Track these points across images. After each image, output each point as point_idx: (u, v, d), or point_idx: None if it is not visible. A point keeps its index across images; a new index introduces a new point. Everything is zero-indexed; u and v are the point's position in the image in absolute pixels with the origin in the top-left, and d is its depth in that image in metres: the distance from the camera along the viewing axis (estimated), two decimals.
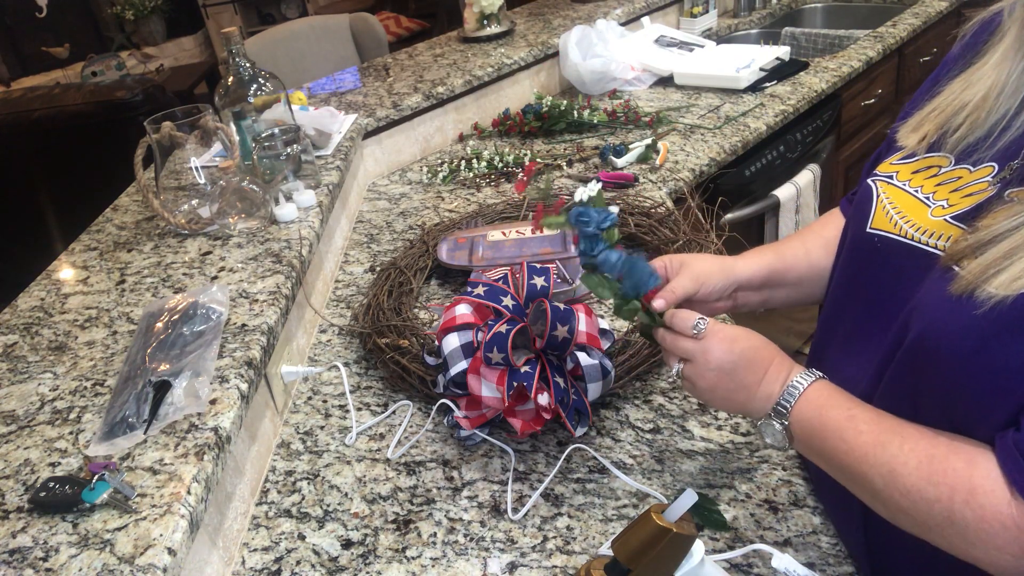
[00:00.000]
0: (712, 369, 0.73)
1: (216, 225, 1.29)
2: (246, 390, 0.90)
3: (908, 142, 0.74)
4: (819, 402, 0.68)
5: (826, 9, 2.79)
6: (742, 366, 0.72)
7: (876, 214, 0.72)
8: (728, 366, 0.72)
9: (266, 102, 1.43)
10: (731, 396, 0.73)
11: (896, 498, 0.60)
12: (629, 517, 0.85)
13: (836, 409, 0.66)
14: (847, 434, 0.64)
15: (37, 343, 1.04)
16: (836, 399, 0.67)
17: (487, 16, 2.24)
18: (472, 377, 0.91)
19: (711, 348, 0.73)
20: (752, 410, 0.73)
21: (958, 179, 0.67)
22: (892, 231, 0.70)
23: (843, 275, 0.78)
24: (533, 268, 0.98)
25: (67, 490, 0.75)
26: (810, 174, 2.00)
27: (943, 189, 0.68)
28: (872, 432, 0.63)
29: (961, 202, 0.65)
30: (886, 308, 0.70)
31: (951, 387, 0.59)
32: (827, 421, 0.66)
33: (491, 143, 1.93)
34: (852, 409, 0.65)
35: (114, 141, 2.81)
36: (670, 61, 2.15)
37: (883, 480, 0.60)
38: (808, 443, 0.68)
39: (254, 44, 3.02)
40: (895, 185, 0.73)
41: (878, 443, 0.62)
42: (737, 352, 0.72)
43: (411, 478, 0.94)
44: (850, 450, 0.63)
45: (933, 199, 0.68)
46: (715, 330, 0.74)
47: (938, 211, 0.67)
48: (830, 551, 0.78)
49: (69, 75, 5.12)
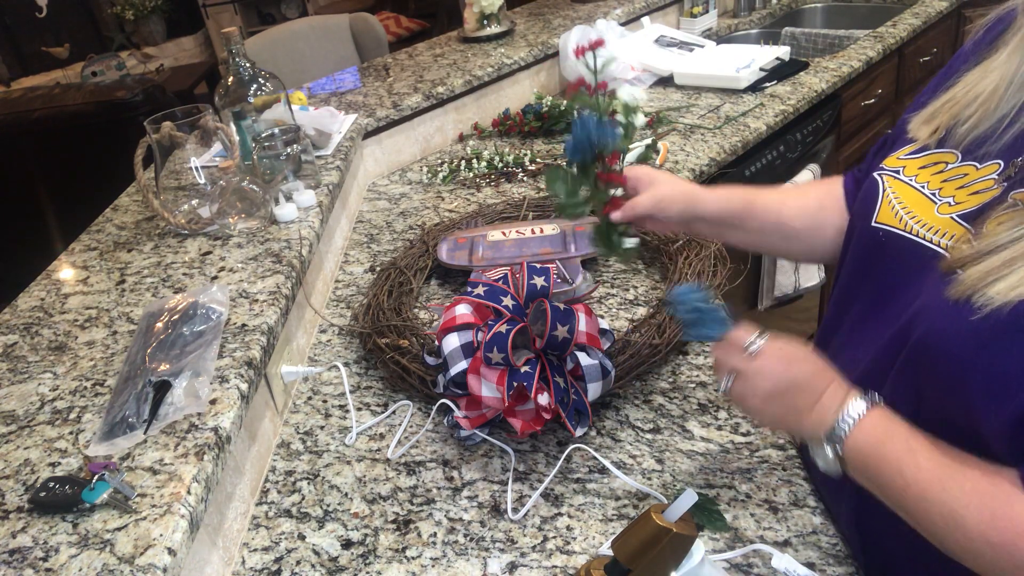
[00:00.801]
0: (764, 390, 0.71)
1: (216, 225, 1.29)
2: (246, 390, 0.90)
3: (920, 134, 0.74)
4: (876, 433, 0.65)
5: (826, 9, 2.79)
6: (795, 389, 0.69)
7: (882, 209, 0.72)
8: (781, 388, 0.70)
9: (266, 102, 1.43)
10: (782, 418, 0.71)
11: (960, 541, 0.58)
12: (629, 517, 0.85)
13: (894, 441, 0.64)
14: (906, 469, 0.62)
15: (37, 343, 1.04)
16: (894, 430, 0.64)
17: (487, 16, 2.24)
18: (472, 377, 0.91)
19: (764, 369, 0.71)
20: (804, 433, 0.70)
21: (964, 176, 0.67)
22: (897, 227, 0.70)
23: (851, 266, 0.78)
24: (533, 268, 0.98)
25: (67, 490, 0.75)
26: (810, 174, 2.00)
27: (949, 186, 0.68)
28: (932, 469, 0.60)
29: (968, 200, 0.65)
30: (889, 302, 0.70)
31: (952, 388, 0.59)
32: (885, 453, 0.64)
33: (491, 143, 1.93)
34: (911, 441, 0.63)
35: (114, 141, 2.82)
36: (670, 61, 2.15)
37: (944, 522, 0.59)
38: (863, 472, 0.66)
39: (254, 44, 3.02)
40: (902, 180, 0.73)
41: (938, 482, 0.60)
42: (792, 375, 0.70)
43: (411, 478, 0.94)
44: (908, 486, 0.61)
45: (939, 195, 0.68)
46: (770, 350, 0.72)
47: (944, 208, 0.67)
48: (830, 551, 0.78)
49: (69, 75, 5.12)
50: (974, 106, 0.68)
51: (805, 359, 0.71)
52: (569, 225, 1.34)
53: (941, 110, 0.72)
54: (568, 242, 1.30)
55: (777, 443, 0.92)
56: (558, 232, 1.33)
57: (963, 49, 0.76)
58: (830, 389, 0.69)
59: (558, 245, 1.30)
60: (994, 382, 0.56)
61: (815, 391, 0.69)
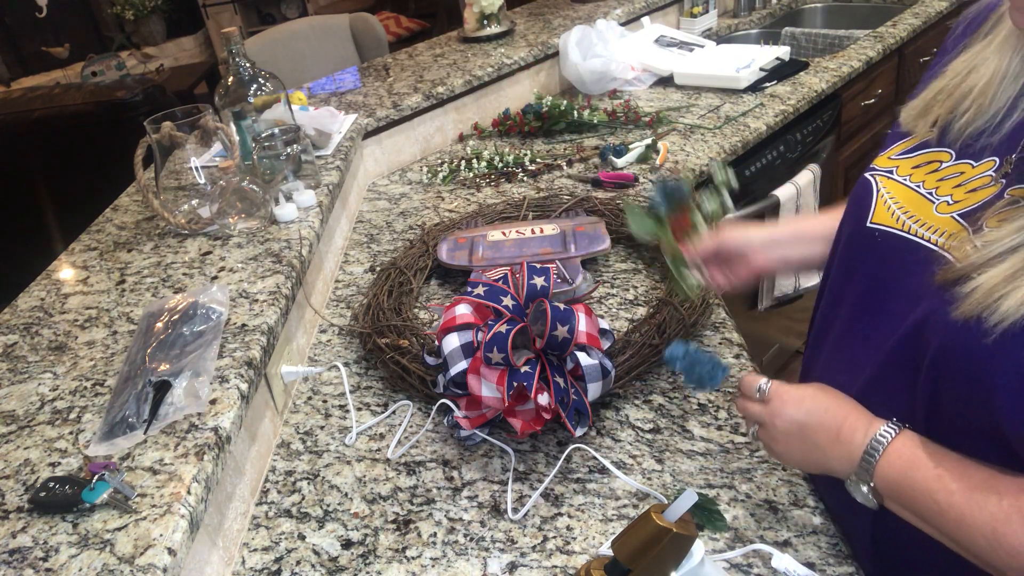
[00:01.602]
0: (781, 432, 0.71)
1: (216, 225, 1.29)
2: (246, 390, 0.90)
3: (917, 127, 0.73)
4: (903, 462, 0.64)
5: (826, 9, 2.79)
6: (811, 427, 0.69)
7: (877, 209, 0.72)
8: (795, 428, 0.70)
9: (266, 102, 1.43)
10: (807, 457, 0.71)
11: (1004, 558, 0.58)
12: (629, 517, 0.85)
13: (922, 468, 0.63)
14: (939, 495, 0.61)
15: (37, 343, 1.04)
16: (921, 456, 0.63)
17: (487, 16, 2.24)
18: (472, 377, 0.91)
19: (777, 411, 0.71)
20: (835, 471, 0.69)
21: (960, 174, 0.67)
22: (895, 226, 0.69)
23: (841, 267, 0.78)
24: (533, 268, 0.98)
25: (67, 490, 0.75)
26: (810, 174, 2.00)
27: (946, 184, 0.68)
28: (964, 491, 0.60)
29: (966, 198, 0.65)
30: (887, 302, 0.69)
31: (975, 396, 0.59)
32: (915, 483, 0.63)
33: (491, 143, 1.93)
34: (939, 466, 0.62)
35: (114, 141, 2.81)
36: (670, 61, 2.15)
37: (987, 541, 0.58)
38: (898, 503, 0.65)
39: (254, 44, 3.02)
40: (896, 180, 0.72)
41: (973, 502, 0.59)
42: (804, 412, 0.70)
43: (411, 478, 0.94)
44: (944, 512, 0.61)
45: (937, 194, 0.68)
46: (779, 391, 0.72)
47: (943, 207, 0.66)
48: (830, 551, 0.78)
49: (69, 75, 5.12)
50: (968, 100, 0.67)
51: (816, 394, 0.71)
52: (569, 225, 1.34)
53: (935, 101, 0.71)
54: (568, 242, 1.30)
55: None
56: (558, 232, 1.33)
57: (948, 39, 0.76)
58: (848, 422, 0.68)
59: (558, 245, 1.30)
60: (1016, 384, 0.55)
61: (832, 425, 0.68)
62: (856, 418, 0.68)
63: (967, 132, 0.67)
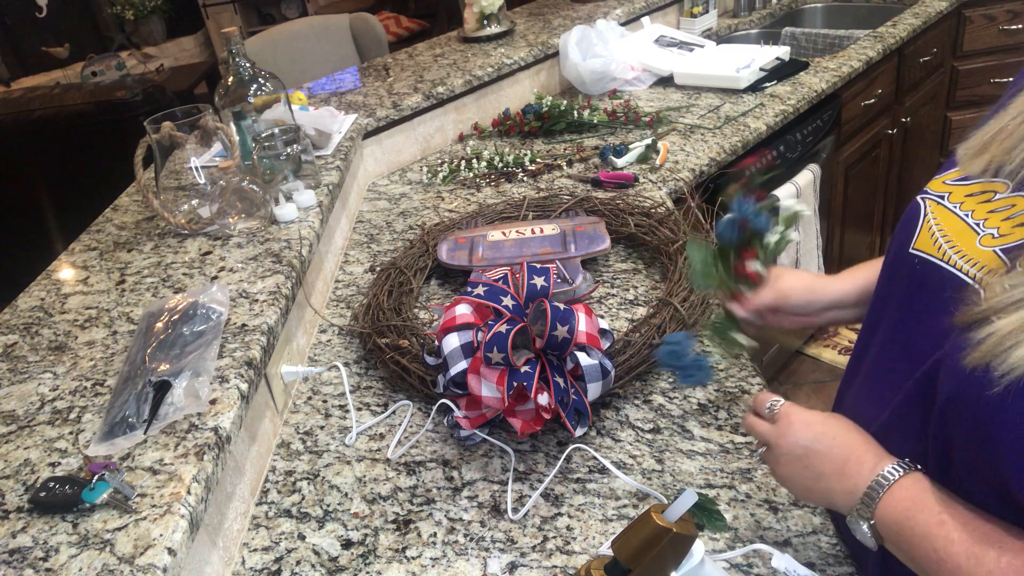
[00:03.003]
0: (785, 454, 0.69)
1: (216, 225, 1.29)
2: (246, 390, 0.90)
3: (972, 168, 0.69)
4: (905, 503, 0.61)
5: (826, 9, 2.79)
6: (817, 453, 0.67)
7: (921, 234, 0.68)
8: (800, 451, 0.67)
9: (266, 102, 1.43)
10: (810, 486, 0.68)
11: None
12: (629, 517, 0.85)
13: (924, 512, 0.60)
14: (938, 543, 0.58)
15: (37, 343, 1.04)
16: (925, 500, 0.61)
17: (487, 16, 2.24)
18: (472, 377, 0.91)
19: (783, 432, 0.69)
20: (837, 505, 0.66)
21: (1012, 207, 0.63)
22: (935, 255, 0.66)
23: (883, 290, 0.75)
24: (533, 268, 0.98)
25: (67, 490, 0.75)
26: (810, 174, 2.00)
27: (995, 217, 0.64)
28: (965, 542, 0.57)
29: (1014, 232, 0.61)
30: (914, 337, 0.67)
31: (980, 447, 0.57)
32: (915, 527, 0.60)
33: (491, 143, 1.93)
34: (943, 513, 0.59)
35: (114, 141, 2.81)
36: (670, 61, 2.15)
37: None
38: (897, 547, 0.62)
39: (254, 44, 3.02)
40: (946, 207, 0.68)
41: (971, 555, 0.56)
42: (810, 438, 0.67)
43: (411, 478, 0.94)
44: (941, 561, 0.58)
45: (984, 226, 0.64)
46: (788, 412, 0.70)
47: (987, 240, 0.63)
48: (830, 551, 0.78)
49: (69, 75, 5.12)
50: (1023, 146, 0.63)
51: (825, 421, 0.69)
52: (569, 225, 1.34)
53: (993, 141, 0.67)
54: (568, 242, 1.30)
55: None
56: (558, 232, 1.33)
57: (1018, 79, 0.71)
58: (856, 454, 0.65)
59: (558, 245, 1.30)
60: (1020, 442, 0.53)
61: (838, 455, 0.66)
62: (864, 451, 0.66)
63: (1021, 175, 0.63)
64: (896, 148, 2.56)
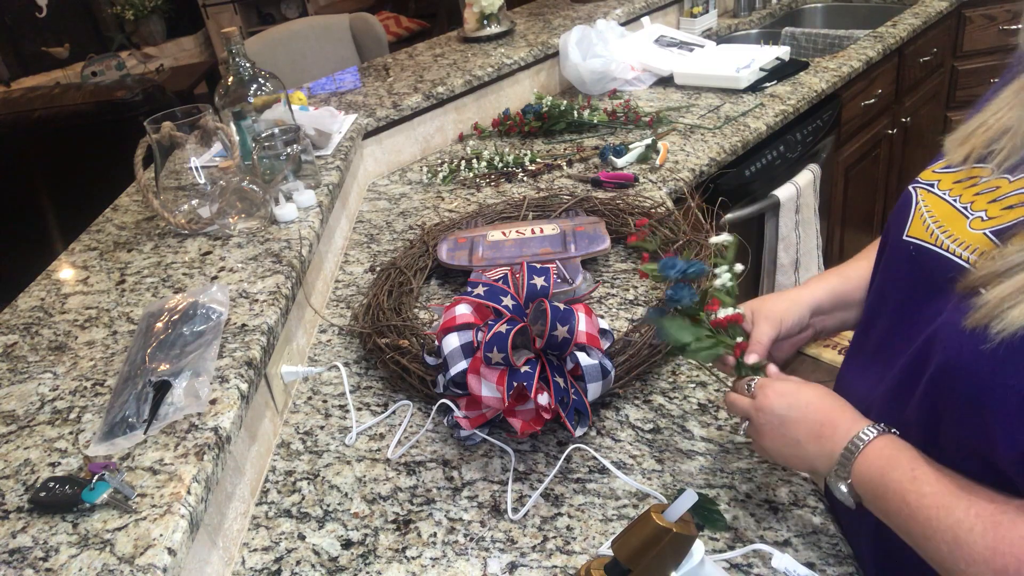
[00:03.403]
0: (764, 425, 0.72)
1: (216, 225, 1.29)
2: (246, 390, 0.90)
3: (954, 156, 0.72)
4: (880, 462, 0.64)
5: (826, 9, 2.79)
6: (793, 420, 0.70)
7: (914, 222, 0.71)
8: (777, 421, 0.71)
9: (266, 102, 1.43)
10: (790, 453, 0.71)
11: (961, 567, 0.57)
12: (629, 517, 0.85)
13: (898, 470, 0.63)
14: (910, 497, 0.61)
15: (37, 343, 1.04)
16: (899, 458, 0.63)
17: (487, 16, 2.24)
18: (472, 377, 0.91)
19: (762, 405, 0.73)
20: (816, 468, 0.70)
21: (996, 188, 0.66)
22: (928, 240, 0.68)
23: (880, 279, 0.77)
24: (533, 268, 0.98)
25: (67, 490, 0.75)
26: (810, 174, 2.00)
27: (981, 199, 0.66)
28: (936, 495, 0.60)
29: (1002, 215, 0.63)
30: (914, 318, 0.69)
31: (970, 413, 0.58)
32: (889, 483, 0.63)
33: (491, 143, 1.93)
34: (915, 469, 0.62)
35: (114, 141, 2.81)
36: (670, 61, 2.15)
37: (948, 548, 0.58)
38: (874, 504, 0.65)
39: (254, 44, 3.02)
40: (935, 194, 0.71)
41: (942, 507, 0.59)
42: (784, 406, 0.71)
43: (411, 478, 0.94)
44: (913, 514, 0.61)
45: (971, 210, 0.67)
46: (765, 384, 0.73)
47: (977, 223, 0.65)
48: (830, 551, 0.78)
49: (69, 75, 5.12)
50: (1004, 139, 0.67)
51: (799, 389, 0.72)
52: (569, 225, 1.34)
53: (975, 133, 0.71)
54: (568, 242, 1.30)
55: None
56: (558, 232, 1.33)
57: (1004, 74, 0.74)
58: (831, 418, 0.68)
59: (558, 245, 1.30)
60: (1012, 407, 0.54)
61: (814, 420, 0.69)
62: (840, 415, 0.68)
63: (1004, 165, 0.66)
64: (896, 148, 2.56)
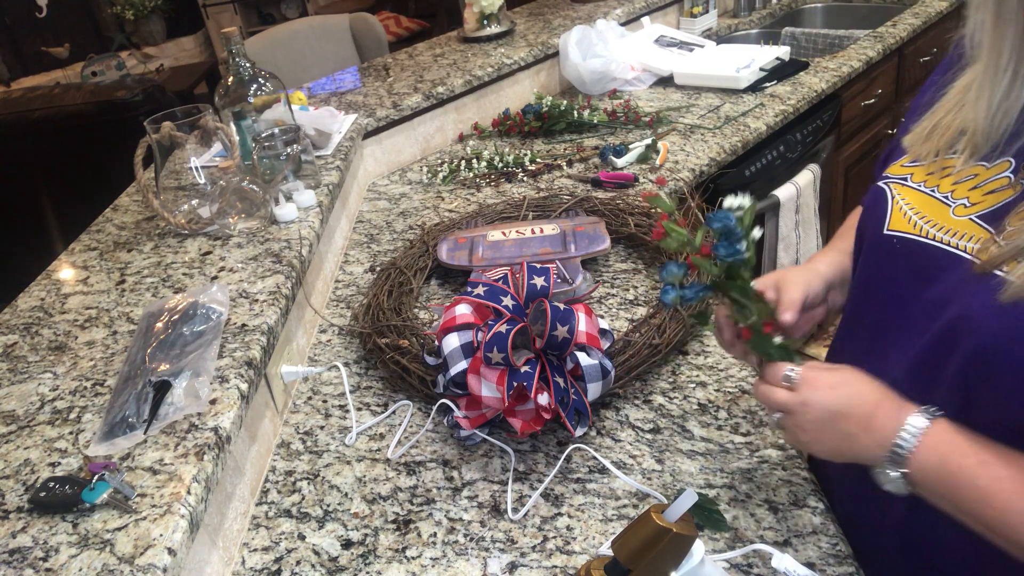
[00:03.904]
0: (812, 420, 0.68)
1: (216, 225, 1.29)
2: (246, 390, 0.90)
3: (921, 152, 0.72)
4: (942, 448, 0.62)
5: (826, 9, 2.79)
6: (844, 415, 0.67)
7: (893, 216, 0.71)
8: (828, 416, 0.67)
9: (266, 102, 1.43)
10: (837, 447, 0.68)
11: None
12: (629, 517, 0.85)
13: (964, 455, 0.61)
14: (982, 481, 0.60)
15: (37, 343, 1.04)
16: (959, 443, 0.62)
17: (487, 16, 2.24)
18: (472, 377, 0.91)
19: (809, 399, 0.68)
20: (865, 459, 0.67)
21: (975, 176, 0.66)
22: (912, 232, 0.69)
23: (861, 279, 0.77)
24: (533, 268, 0.98)
25: (67, 490, 0.75)
26: (810, 174, 2.00)
27: (961, 187, 0.67)
28: (1012, 478, 0.59)
29: (984, 200, 0.64)
30: (909, 309, 0.69)
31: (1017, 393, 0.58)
32: (956, 469, 0.61)
33: (491, 143, 1.93)
34: (982, 453, 0.61)
35: (114, 141, 2.81)
36: (670, 61, 2.15)
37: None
38: (933, 490, 0.64)
39: (254, 44, 3.02)
40: (910, 186, 0.72)
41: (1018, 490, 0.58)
42: (835, 401, 0.67)
43: (411, 478, 0.94)
44: (990, 501, 0.59)
45: (952, 198, 0.67)
46: (811, 378, 0.69)
47: (961, 210, 0.66)
48: (830, 551, 0.78)
49: (69, 75, 5.12)
50: (964, 139, 0.67)
51: (847, 380, 0.68)
52: (569, 225, 1.34)
53: (933, 134, 0.71)
54: (568, 242, 1.30)
55: (777, 443, 0.92)
56: (558, 232, 1.33)
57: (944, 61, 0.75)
58: (882, 408, 0.66)
59: (558, 245, 1.30)
60: None
61: (864, 414, 0.66)
62: (889, 403, 0.66)
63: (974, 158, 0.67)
64: None
